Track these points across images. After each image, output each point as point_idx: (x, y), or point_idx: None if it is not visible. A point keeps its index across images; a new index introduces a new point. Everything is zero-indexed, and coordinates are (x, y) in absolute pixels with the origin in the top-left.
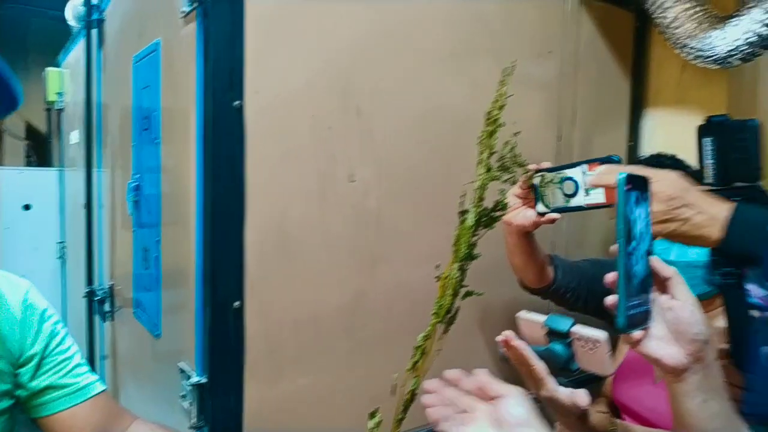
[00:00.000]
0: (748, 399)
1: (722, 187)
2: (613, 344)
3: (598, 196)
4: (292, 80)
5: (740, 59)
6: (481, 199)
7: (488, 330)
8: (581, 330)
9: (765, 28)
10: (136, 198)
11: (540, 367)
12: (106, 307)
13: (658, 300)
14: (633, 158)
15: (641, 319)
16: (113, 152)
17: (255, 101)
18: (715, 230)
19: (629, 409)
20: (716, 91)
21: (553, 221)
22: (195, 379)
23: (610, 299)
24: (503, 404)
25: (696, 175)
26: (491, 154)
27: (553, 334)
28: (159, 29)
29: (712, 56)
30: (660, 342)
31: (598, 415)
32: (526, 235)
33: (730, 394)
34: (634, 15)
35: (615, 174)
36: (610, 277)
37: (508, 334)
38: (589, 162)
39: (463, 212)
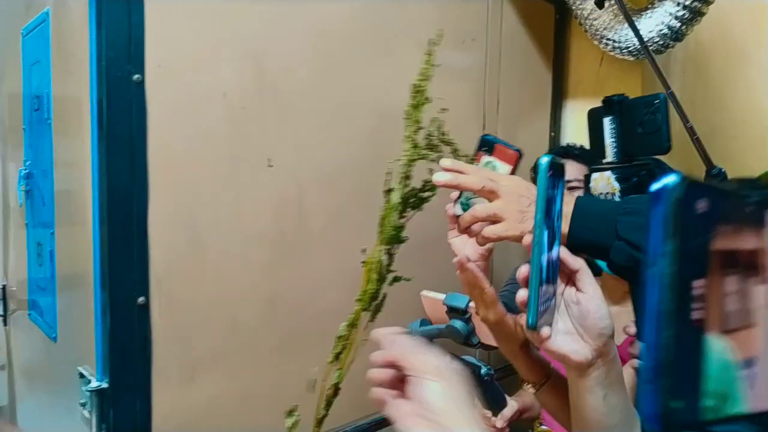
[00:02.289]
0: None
1: (624, 164)
2: None
3: (504, 172)
4: (200, 54)
5: (654, 51)
6: (407, 176)
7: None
8: None
9: (675, 20)
10: (27, 187)
11: (491, 291)
12: None
13: (565, 293)
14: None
15: (549, 315)
16: (4, 140)
17: (158, 75)
18: (564, 223)
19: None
20: (632, 82)
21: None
22: (95, 384)
23: (523, 295)
24: (417, 387)
25: (594, 159)
26: (417, 129)
27: (452, 311)
28: None
29: (628, 48)
30: (566, 337)
31: (528, 393)
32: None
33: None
34: (554, 7)
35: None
36: (524, 271)
37: (462, 256)
38: (473, 158)
39: (389, 191)
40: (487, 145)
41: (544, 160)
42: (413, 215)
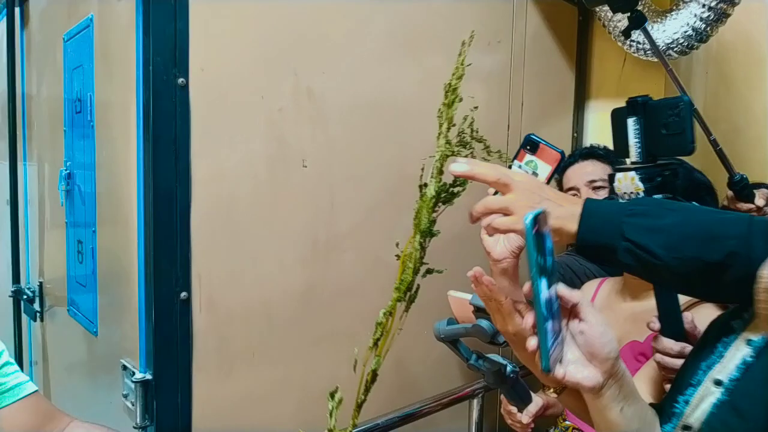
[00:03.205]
0: None
1: (648, 165)
2: None
3: (544, 172)
4: (239, 58)
5: (678, 52)
6: (440, 171)
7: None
8: None
9: (700, 22)
10: (68, 187)
11: (508, 303)
12: (36, 306)
13: (569, 325)
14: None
15: (558, 349)
16: (41, 142)
17: (201, 79)
18: (573, 224)
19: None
20: (655, 83)
21: None
22: (139, 375)
23: (533, 344)
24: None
25: (617, 159)
26: (450, 126)
27: (479, 311)
28: (92, 4)
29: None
30: (576, 365)
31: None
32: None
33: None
34: (577, 8)
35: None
36: (530, 321)
37: (477, 270)
38: (516, 156)
39: (424, 185)
40: (531, 144)
41: (528, 218)
42: (443, 210)
